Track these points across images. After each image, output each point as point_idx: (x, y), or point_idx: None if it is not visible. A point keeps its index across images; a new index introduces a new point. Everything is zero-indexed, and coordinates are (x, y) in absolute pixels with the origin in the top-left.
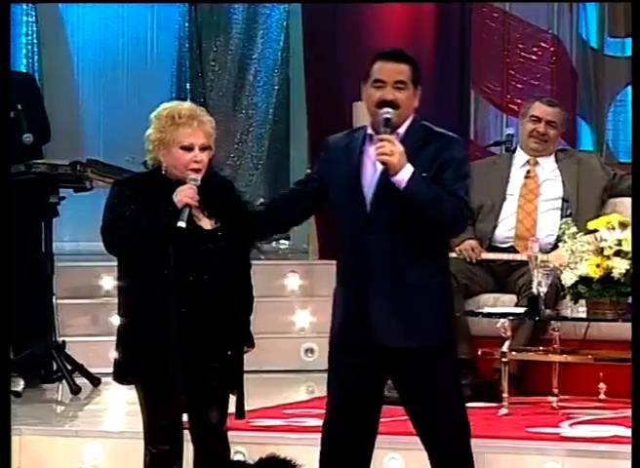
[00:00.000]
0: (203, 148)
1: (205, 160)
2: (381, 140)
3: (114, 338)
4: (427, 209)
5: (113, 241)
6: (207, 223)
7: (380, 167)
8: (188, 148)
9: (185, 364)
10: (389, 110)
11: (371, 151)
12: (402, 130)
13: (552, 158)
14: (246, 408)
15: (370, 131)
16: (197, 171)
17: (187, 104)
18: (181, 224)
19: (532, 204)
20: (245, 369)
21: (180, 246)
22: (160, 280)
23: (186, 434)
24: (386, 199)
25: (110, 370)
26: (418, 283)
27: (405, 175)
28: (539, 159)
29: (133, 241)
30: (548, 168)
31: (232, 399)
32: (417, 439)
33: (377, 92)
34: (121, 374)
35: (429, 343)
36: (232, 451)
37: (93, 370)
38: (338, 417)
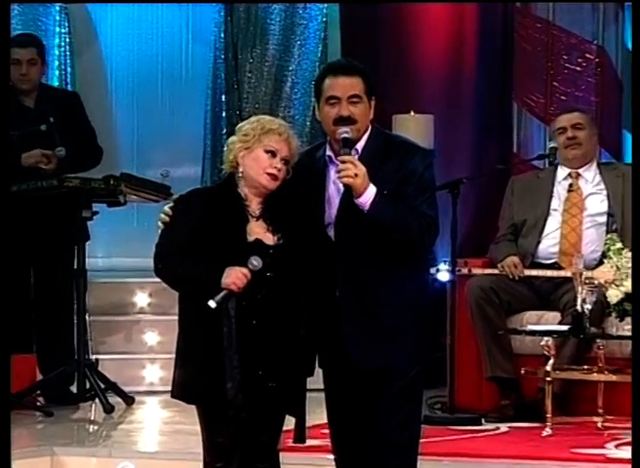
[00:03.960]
0: (284, 160)
1: (283, 171)
2: (343, 162)
3: (148, 356)
4: (393, 229)
5: (158, 271)
6: (269, 238)
7: (341, 188)
8: (272, 153)
9: (244, 384)
10: (347, 130)
11: (332, 174)
12: (360, 145)
13: (594, 170)
14: (284, 427)
15: (329, 152)
16: (273, 178)
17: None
18: (212, 304)
19: (576, 219)
20: None
21: (237, 261)
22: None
23: None
24: (351, 221)
25: (143, 388)
26: (390, 302)
27: (368, 196)
28: (580, 171)
29: (171, 280)
30: (592, 181)
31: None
32: (459, 459)
33: (332, 109)
34: (180, 394)
35: (402, 362)
36: None
37: (126, 389)
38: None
